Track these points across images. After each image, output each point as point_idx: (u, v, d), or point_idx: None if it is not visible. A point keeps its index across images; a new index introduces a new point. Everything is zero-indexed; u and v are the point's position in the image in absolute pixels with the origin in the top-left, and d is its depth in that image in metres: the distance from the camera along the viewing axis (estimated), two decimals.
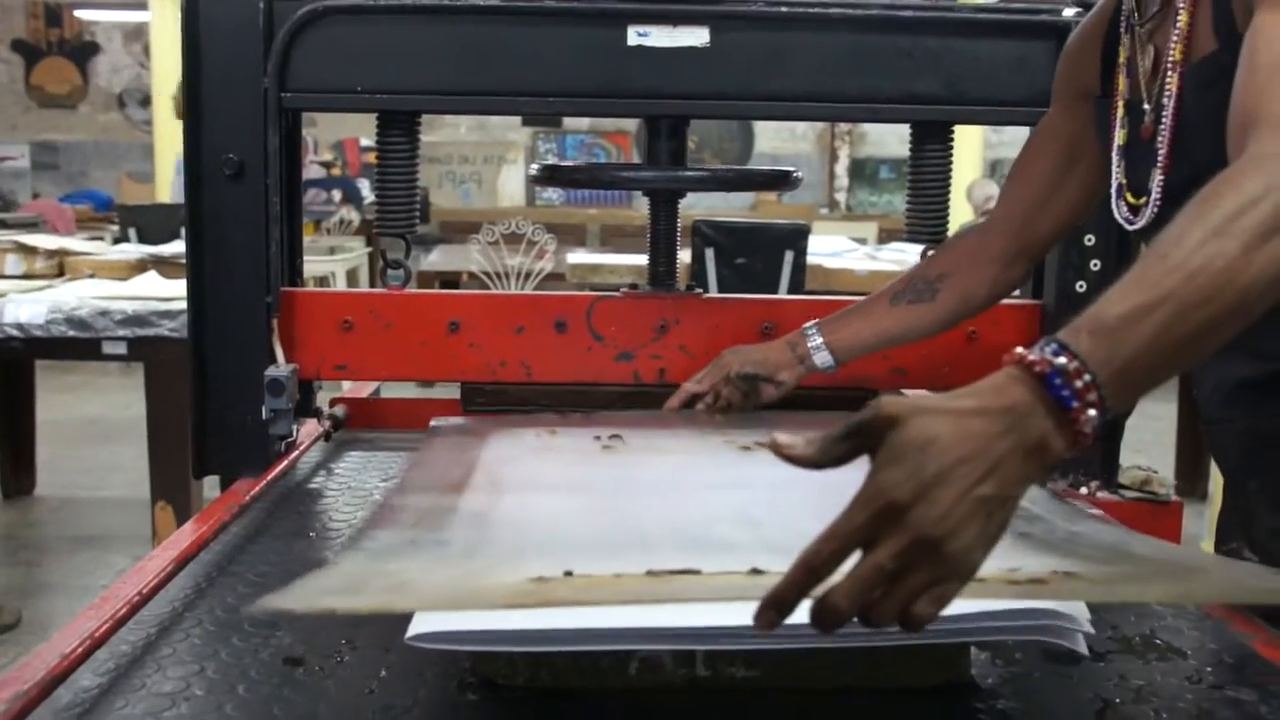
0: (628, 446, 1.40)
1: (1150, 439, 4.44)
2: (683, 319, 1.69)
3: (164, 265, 4.31)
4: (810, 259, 4.56)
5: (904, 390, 1.73)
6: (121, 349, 3.49)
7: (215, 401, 1.66)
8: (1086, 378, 0.79)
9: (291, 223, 1.71)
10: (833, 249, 5.97)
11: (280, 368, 1.62)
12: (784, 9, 1.65)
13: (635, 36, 1.62)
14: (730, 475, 1.27)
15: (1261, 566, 1.18)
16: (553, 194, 12.51)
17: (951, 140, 1.74)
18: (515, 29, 1.63)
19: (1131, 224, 1.31)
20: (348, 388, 2.08)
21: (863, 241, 8.64)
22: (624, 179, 1.66)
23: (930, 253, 1.71)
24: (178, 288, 3.54)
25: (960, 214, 6.77)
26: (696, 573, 0.84)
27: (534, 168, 1.73)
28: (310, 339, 1.68)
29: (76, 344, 3.47)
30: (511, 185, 12.75)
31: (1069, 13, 1.69)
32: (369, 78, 1.64)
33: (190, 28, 1.62)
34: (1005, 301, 1.66)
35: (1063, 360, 0.79)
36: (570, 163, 1.99)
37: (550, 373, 1.69)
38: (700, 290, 1.73)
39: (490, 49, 1.63)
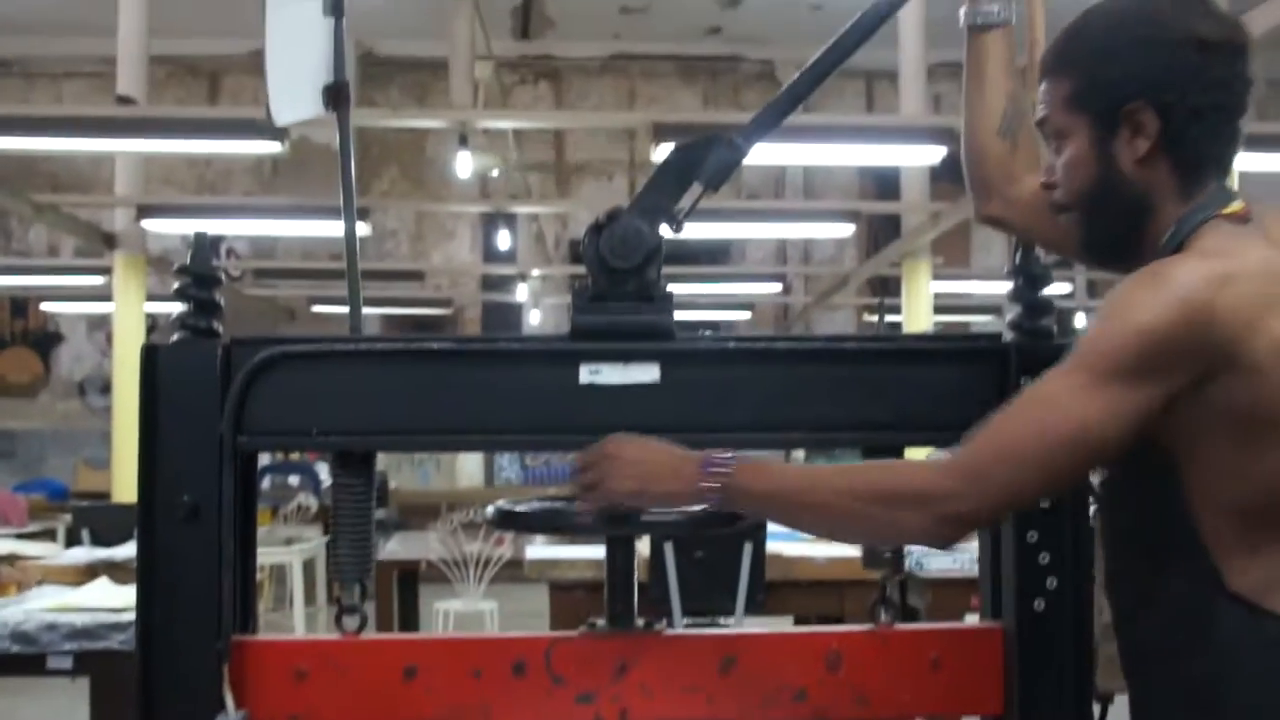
0: None
1: None
2: (642, 658, 1.68)
3: (116, 570, 4.25)
4: (770, 545, 4.55)
5: (865, 718, 1.70)
6: (67, 663, 3.41)
7: None
8: (723, 471, 1.46)
9: (245, 566, 1.69)
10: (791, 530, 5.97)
11: (229, 716, 1.58)
12: (731, 345, 1.69)
13: (587, 374, 1.66)
14: None
15: None
16: (511, 474, 12.53)
17: None
18: (469, 370, 1.66)
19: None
20: None
21: None
22: (582, 525, 1.67)
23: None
24: (129, 595, 3.48)
25: None
26: None
27: (489, 510, 1.73)
28: (263, 688, 1.64)
29: (20, 660, 3.38)
30: (470, 465, 12.79)
31: (1008, 337, 1.75)
32: (325, 419, 1.65)
33: (148, 371, 1.65)
34: (965, 626, 1.65)
35: (726, 456, 1.48)
36: (525, 507, 2.04)
37: (509, 717, 1.66)
38: (660, 628, 1.72)
39: (444, 389, 1.66)
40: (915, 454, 1.73)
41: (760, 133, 1.71)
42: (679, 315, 1.68)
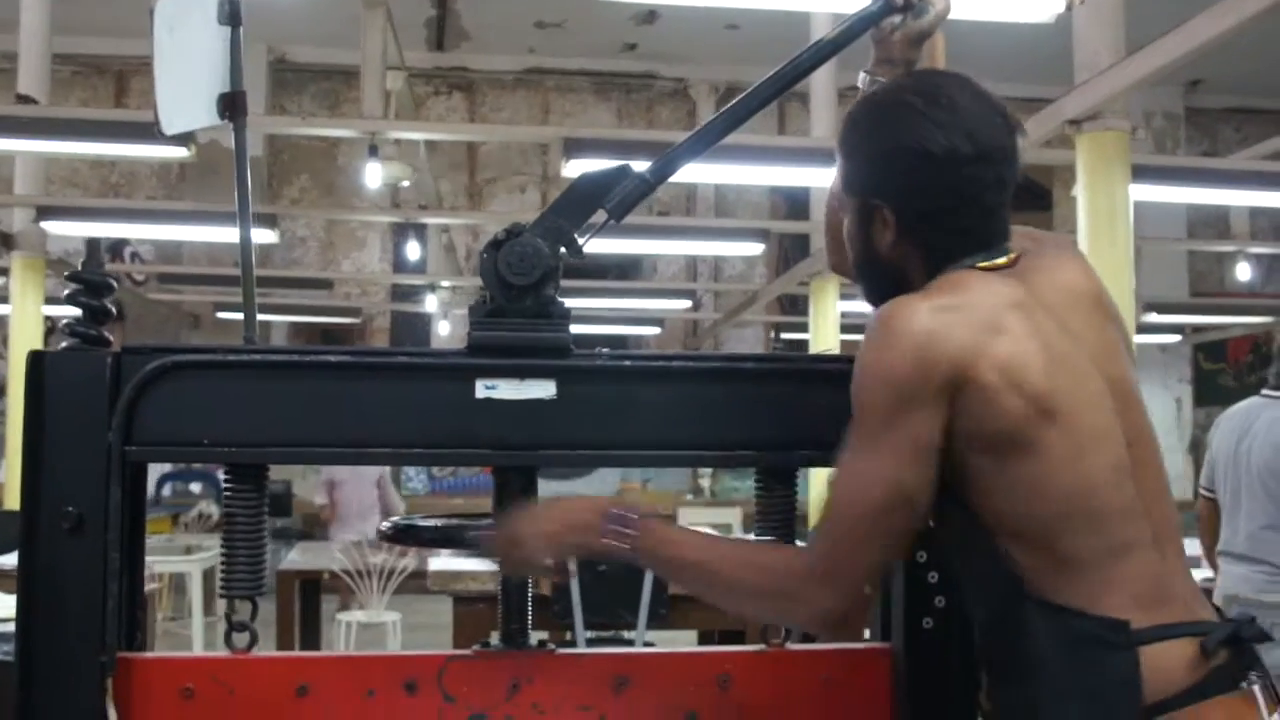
0: None
1: None
2: (536, 676, 1.67)
3: (4, 578, 4.15)
4: None
5: None
6: None
7: None
8: (630, 532, 1.53)
9: (133, 580, 1.66)
10: None
11: None
12: (628, 363, 1.70)
13: (483, 389, 1.65)
14: None
15: None
16: (418, 484, 12.43)
17: (795, 482, 1.78)
18: (364, 382, 1.65)
19: None
20: None
21: (728, 528, 8.70)
22: (472, 543, 1.66)
23: None
24: (14, 604, 3.40)
25: None
26: None
27: (385, 525, 1.72)
28: (148, 707, 1.61)
29: None
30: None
31: None
32: (217, 430, 1.63)
33: (34, 379, 1.61)
34: (854, 646, 1.67)
35: (632, 517, 1.55)
36: (424, 520, 2.02)
37: None
38: (552, 646, 1.72)
39: (339, 401, 1.65)
40: (816, 475, 1.75)
41: (671, 168, 1.74)
42: (587, 329, 1.68)
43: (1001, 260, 1.56)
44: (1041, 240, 1.67)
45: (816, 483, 6.04)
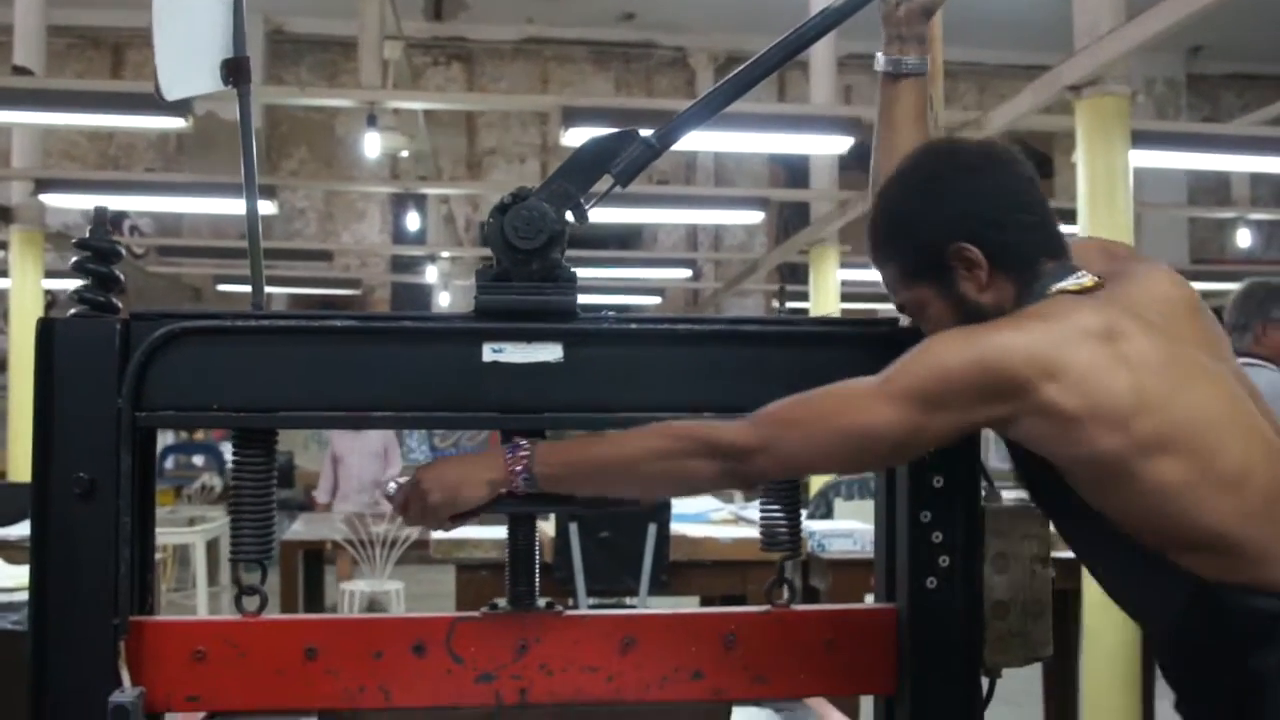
0: None
1: (1019, 686, 4.49)
2: (543, 637, 1.69)
3: (9, 549, 4.17)
4: (674, 527, 4.58)
5: (762, 697, 1.73)
6: None
7: None
8: (523, 453, 1.58)
9: (144, 544, 1.67)
10: (698, 509, 5.99)
11: (125, 693, 1.56)
12: (634, 326, 1.71)
13: (490, 353, 1.66)
14: None
15: None
16: (420, 455, 12.45)
17: None
18: (372, 347, 1.66)
19: None
20: None
21: (729, 498, 8.71)
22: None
23: None
24: (22, 575, 3.42)
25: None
26: None
27: (391, 487, 1.73)
28: (161, 670, 1.63)
29: None
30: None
31: (905, 322, 1.78)
32: (226, 395, 1.64)
33: (44, 346, 1.62)
34: (859, 607, 1.68)
35: (524, 442, 1.60)
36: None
37: (409, 697, 1.66)
38: (560, 608, 1.73)
39: (347, 366, 1.65)
40: None
41: (676, 135, 1.74)
42: (588, 299, 1.69)
43: (1088, 283, 1.60)
44: (1115, 253, 1.73)
45: None
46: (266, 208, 7.36)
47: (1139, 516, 1.51)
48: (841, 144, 5.93)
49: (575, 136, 5.31)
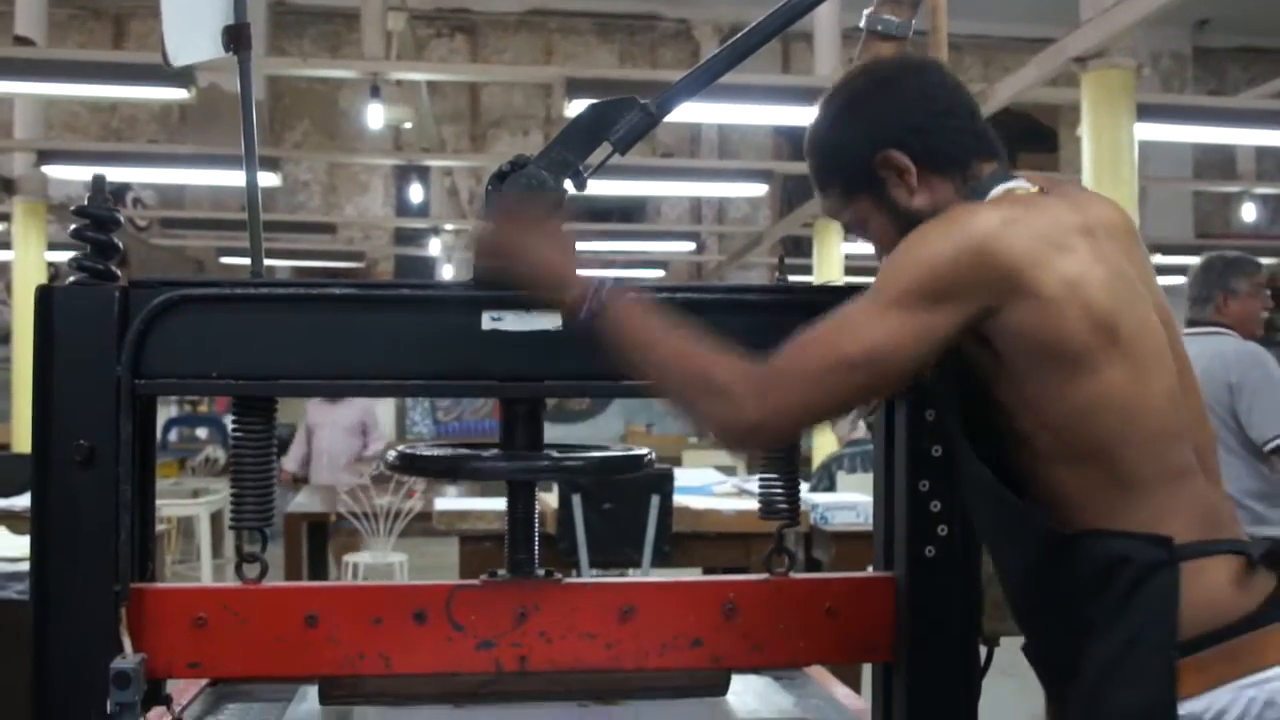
0: None
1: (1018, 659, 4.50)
2: (543, 605, 1.69)
3: (14, 520, 4.18)
4: (677, 499, 4.59)
5: (761, 665, 1.74)
6: None
7: (57, 694, 1.60)
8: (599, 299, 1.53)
9: (144, 512, 1.68)
10: (701, 482, 6.00)
11: (127, 659, 1.57)
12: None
13: (489, 321, 1.66)
14: None
15: None
16: (424, 428, 12.47)
17: None
18: (370, 315, 1.66)
19: None
20: None
21: (731, 471, 8.73)
22: (485, 469, 1.68)
23: None
24: (27, 545, 3.43)
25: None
26: None
27: (392, 454, 1.74)
28: (161, 637, 1.63)
29: None
30: (382, 418, 12.70)
31: None
32: (225, 363, 1.64)
33: (44, 314, 1.62)
34: (859, 575, 1.68)
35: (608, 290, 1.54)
36: (429, 451, 2.03)
37: (410, 664, 1.67)
38: (559, 576, 1.73)
39: (346, 334, 1.65)
40: None
41: (675, 102, 1.74)
42: (591, 274, 1.68)
43: (1034, 190, 1.58)
44: (1054, 180, 1.68)
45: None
46: (270, 180, 7.35)
47: (1064, 415, 1.46)
48: None
49: (579, 109, 5.29)
